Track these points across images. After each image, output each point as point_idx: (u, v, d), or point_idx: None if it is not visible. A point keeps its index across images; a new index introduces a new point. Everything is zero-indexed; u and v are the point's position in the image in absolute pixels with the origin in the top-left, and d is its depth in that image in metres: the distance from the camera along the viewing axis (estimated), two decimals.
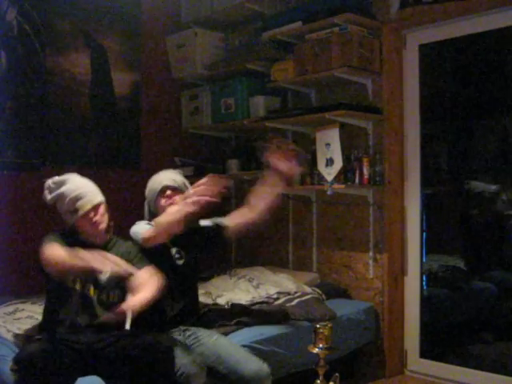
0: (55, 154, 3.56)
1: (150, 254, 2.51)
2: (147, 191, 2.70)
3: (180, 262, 2.62)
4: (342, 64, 3.32)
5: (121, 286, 2.38)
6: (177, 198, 2.60)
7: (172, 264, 2.60)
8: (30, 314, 2.70)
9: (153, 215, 2.66)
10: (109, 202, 2.54)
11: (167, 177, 2.66)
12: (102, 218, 2.42)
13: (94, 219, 2.38)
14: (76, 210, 2.35)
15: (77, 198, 2.36)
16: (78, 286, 2.31)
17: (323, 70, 3.41)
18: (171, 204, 2.59)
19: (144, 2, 4.02)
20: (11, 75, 3.37)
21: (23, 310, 2.78)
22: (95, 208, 2.40)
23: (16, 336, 2.47)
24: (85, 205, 2.37)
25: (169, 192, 2.62)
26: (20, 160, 3.41)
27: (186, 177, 4.06)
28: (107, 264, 2.11)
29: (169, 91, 4.25)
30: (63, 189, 2.37)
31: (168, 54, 4.21)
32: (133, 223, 2.77)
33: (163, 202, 2.62)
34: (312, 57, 3.45)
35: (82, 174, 2.55)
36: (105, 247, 2.43)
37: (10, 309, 2.80)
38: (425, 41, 3.47)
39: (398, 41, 3.52)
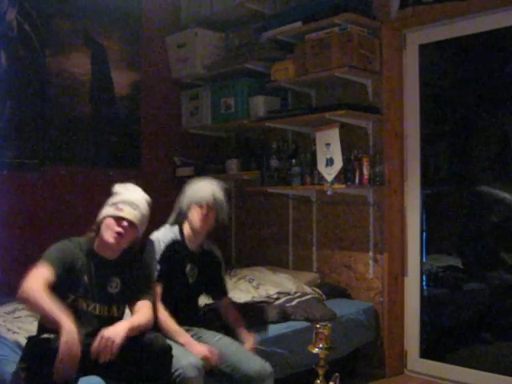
0: (55, 154, 3.56)
1: (167, 265, 2.55)
2: (186, 197, 2.67)
3: (191, 280, 2.64)
4: (341, 64, 3.32)
5: (126, 301, 2.36)
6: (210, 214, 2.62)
7: (184, 280, 2.61)
8: (29, 313, 2.70)
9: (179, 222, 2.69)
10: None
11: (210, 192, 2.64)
12: (125, 237, 2.29)
13: (118, 229, 2.26)
14: (115, 207, 2.28)
15: (127, 202, 2.29)
16: (83, 303, 2.25)
17: (323, 70, 3.41)
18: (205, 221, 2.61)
19: (144, 2, 4.02)
20: (11, 75, 3.37)
21: (23, 308, 2.77)
22: (129, 224, 2.29)
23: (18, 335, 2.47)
24: (125, 212, 2.28)
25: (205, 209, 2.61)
26: (20, 160, 3.41)
27: (186, 176, 4.11)
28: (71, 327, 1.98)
29: (169, 91, 4.25)
30: (126, 191, 2.33)
31: (168, 54, 4.21)
32: None
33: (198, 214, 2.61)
34: (312, 57, 3.45)
35: (82, 173, 2.54)
36: (115, 264, 2.35)
37: (10, 308, 2.80)
38: (425, 41, 3.48)
39: (398, 41, 3.52)
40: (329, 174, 3.38)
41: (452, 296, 3.73)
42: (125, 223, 2.27)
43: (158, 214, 2.72)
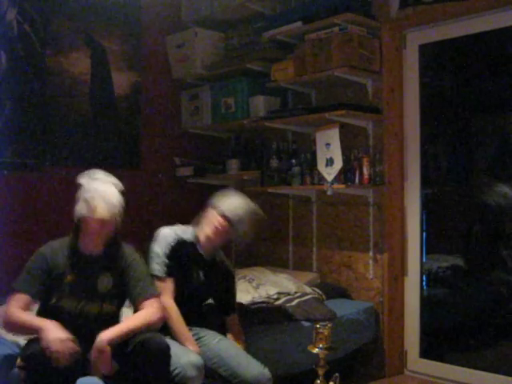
0: (55, 154, 3.56)
1: (175, 262, 2.53)
2: (214, 202, 2.62)
3: (195, 284, 2.61)
4: (341, 64, 3.32)
5: (118, 296, 2.35)
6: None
7: (188, 281, 2.58)
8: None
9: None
10: None
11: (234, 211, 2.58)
12: (103, 232, 2.28)
13: (95, 230, 2.28)
14: (88, 206, 2.24)
15: (100, 198, 2.24)
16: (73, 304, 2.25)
17: (323, 70, 3.41)
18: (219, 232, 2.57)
19: (144, 2, 4.02)
20: (11, 75, 3.37)
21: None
22: (103, 222, 2.26)
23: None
24: (98, 212, 2.23)
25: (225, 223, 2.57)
26: (20, 160, 3.41)
27: (186, 176, 4.10)
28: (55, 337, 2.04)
29: (169, 91, 4.25)
30: (96, 183, 2.27)
31: (168, 54, 4.21)
32: (132, 223, 2.76)
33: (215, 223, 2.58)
34: (312, 57, 3.45)
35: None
36: (101, 259, 2.33)
37: None
38: (425, 41, 3.48)
39: (398, 41, 3.52)
40: (329, 174, 3.38)
41: (452, 296, 3.73)
42: (99, 223, 2.24)
43: (158, 214, 2.73)
